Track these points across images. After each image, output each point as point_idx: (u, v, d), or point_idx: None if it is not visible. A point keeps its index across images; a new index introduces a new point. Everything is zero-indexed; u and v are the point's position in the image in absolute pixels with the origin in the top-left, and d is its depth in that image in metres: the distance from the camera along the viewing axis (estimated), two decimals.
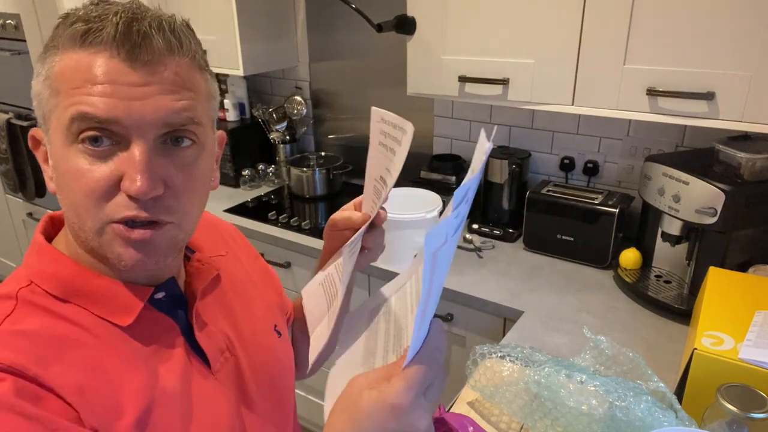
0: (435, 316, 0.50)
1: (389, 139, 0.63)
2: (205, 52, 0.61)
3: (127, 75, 0.52)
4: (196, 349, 0.65)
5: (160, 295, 0.63)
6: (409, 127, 0.58)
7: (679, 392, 0.89)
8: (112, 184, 0.53)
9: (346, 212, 0.73)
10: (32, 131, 0.59)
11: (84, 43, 0.52)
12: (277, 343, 0.78)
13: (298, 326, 0.92)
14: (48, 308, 0.56)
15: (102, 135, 0.52)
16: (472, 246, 1.62)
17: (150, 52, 0.52)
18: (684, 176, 1.22)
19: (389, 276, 1.52)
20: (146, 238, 0.55)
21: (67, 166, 0.53)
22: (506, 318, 1.36)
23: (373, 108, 0.65)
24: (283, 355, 0.79)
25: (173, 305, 0.65)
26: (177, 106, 0.54)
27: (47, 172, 0.58)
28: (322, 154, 2.17)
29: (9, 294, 0.56)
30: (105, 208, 0.53)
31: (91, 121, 0.51)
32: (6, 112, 2.50)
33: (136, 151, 0.52)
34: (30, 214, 2.68)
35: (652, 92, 1.20)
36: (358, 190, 0.72)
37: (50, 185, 0.58)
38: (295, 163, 2.06)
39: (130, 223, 0.54)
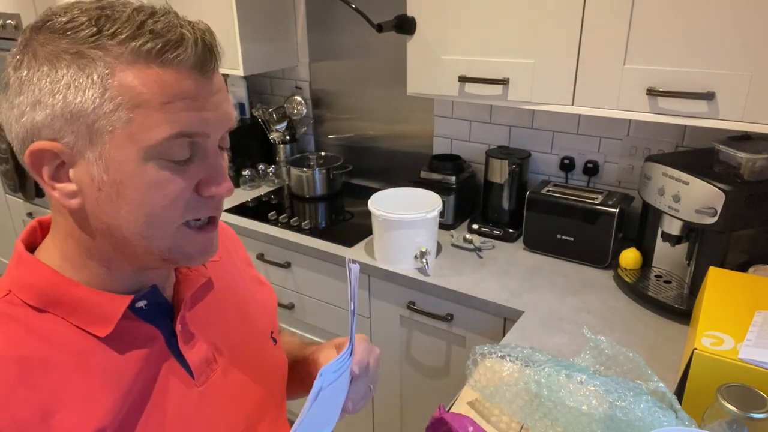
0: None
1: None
2: None
3: (205, 88, 0.54)
4: (181, 359, 0.63)
5: (141, 303, 0.62)
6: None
7: (679, 392, 0.89)
8: (192, 190, 0.56)
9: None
10: (43, 145, 0.52)
11: (163, 60, 0.51)
12: (272, 350, 0.78)
13: None
14: (22, 320, 0.55)
15: (190, 149, 0.55)
16: (472, 246, 1.62)
17: (214, 62, 0.54)
18: (684, 176, 1.22)
19: (389, 276, 1.52)
20: (212, 234, 0.60)
21: (144, 181, 0.53)
22: (506, 318, 1.36)
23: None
24: (279, 361, 0.79)
25: (158, 313, 0.63)
26: (232, 110, 0.58)
27: (63, 189, 0.54)
28: (322, 154, 2.17)
29: None
30: (184, 213, 0.56)
31: (185, 138, 0.53)
32: None
33: (217, 157, 0.57)
34: (30, 214, 2.68)
35: (652, 92, 1.20)
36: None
37: (70, 202, 0.54)
38: (295, 163, 2.06)
39: (193, 223, 0.58)
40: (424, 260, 1.48)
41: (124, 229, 0.55)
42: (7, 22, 2.29)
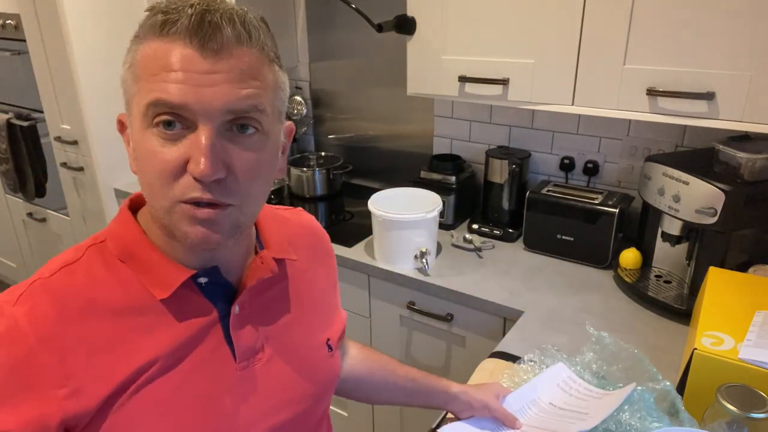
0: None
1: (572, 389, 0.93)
2: (276, 45, 0.63)
3: (198, 63, 0.54)
4: (230, 340, 0.66)
5: (202, 279, 0.65)
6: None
7: (679, 392, 0.89)
8: (180, 165, 0.56)
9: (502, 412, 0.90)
10: (120, 116, 0.63)
11: (162, 33, 0.55)
12: (325, 358, 0.78)
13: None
14: (106, 265, 0.63)
15: (174, 119, 0.55)
16: (472, 246, 1.62)
17: (219, 42, 0.55)
18: (684, 176, 1.22)
19: (389, 276, 1.52)
20: (211, 218, 0.58)
21: (144, 147, 0.57)
22: (506, 318, 1.36)
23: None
24: (328, 370, 0.79)
25: (219, 293, 0.67)
26: (241, 94, 0.56)
27: (131, 153, 0.62)
28: (322, 154, 2.17)
29: (81, 247, 0.64)
30: (174, 188, 0.56)
31: (164, 106, 0.55)
32: (6, 112, 2.50)
33: (202, 135, 0.55)
34: (30, 214, 2.68)
35: (652, 92, 1.20)
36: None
37: (132, 166, 0.62)
38: (295, 163, 2.06)
39: (196, 203, 0.57)
40: (424, 260, 1.48)
41: (145, 195, 0.61)
42: (7, 22, 2.29)
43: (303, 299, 0.77)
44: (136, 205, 0.68)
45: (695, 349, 0.86)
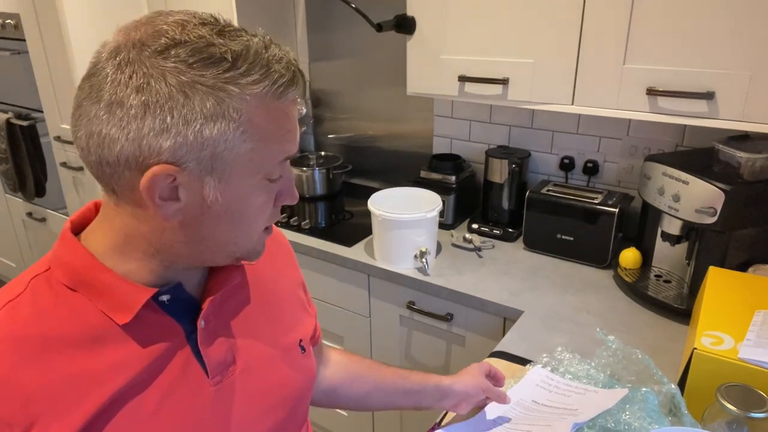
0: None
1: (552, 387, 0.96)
2: None
3: (297, 113, 0.62)
4: (200, 356, 0.64)
5: (164, 297, 0.62)
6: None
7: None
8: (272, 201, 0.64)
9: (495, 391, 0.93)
10: (164, 169, 0.53)
11: (283, 99, 0.58)
12: (299, 359, 0.77)
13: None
14: (54, 296, 0.58)
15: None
16: (472, 246, 1.62)
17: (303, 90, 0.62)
18: (684, 176, 1.22)
19: (389, 276, 1.52)
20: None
21: (252, 200, 0.60)
22: (506, 318, 1.36)
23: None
24: (304, 371, 0.78)
25: (182, 309, 0.64)
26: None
27: (168, 206, 0.56)
28: (322, 153, 2.17)
29: (22, 280, 0.60)
30: (266, 222, 0.64)
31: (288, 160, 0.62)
32: (6, 112, 2.50)
33: (291, 172, 0.65)
34: (30, 214, 2.68)
35: (652, 92, 1.20)
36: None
37: (171, 217, 0.57)
38: (295, 163, 2.06)
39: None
40: (423, 260, 1.48)
41: (219, 238, 0.60)
42: (7, 22, 2.29)
43: (268, 303, 0.75)
44: (77, 228, 0.64)
45: (695, 348, 0.86)
